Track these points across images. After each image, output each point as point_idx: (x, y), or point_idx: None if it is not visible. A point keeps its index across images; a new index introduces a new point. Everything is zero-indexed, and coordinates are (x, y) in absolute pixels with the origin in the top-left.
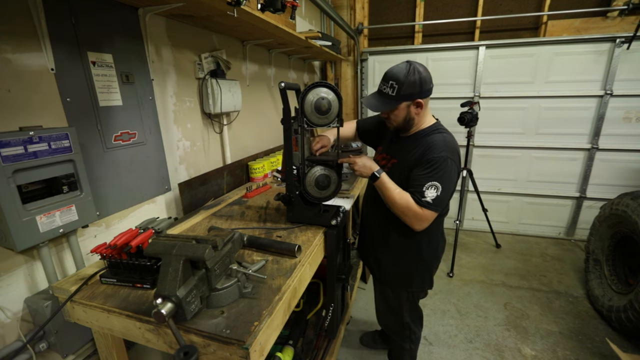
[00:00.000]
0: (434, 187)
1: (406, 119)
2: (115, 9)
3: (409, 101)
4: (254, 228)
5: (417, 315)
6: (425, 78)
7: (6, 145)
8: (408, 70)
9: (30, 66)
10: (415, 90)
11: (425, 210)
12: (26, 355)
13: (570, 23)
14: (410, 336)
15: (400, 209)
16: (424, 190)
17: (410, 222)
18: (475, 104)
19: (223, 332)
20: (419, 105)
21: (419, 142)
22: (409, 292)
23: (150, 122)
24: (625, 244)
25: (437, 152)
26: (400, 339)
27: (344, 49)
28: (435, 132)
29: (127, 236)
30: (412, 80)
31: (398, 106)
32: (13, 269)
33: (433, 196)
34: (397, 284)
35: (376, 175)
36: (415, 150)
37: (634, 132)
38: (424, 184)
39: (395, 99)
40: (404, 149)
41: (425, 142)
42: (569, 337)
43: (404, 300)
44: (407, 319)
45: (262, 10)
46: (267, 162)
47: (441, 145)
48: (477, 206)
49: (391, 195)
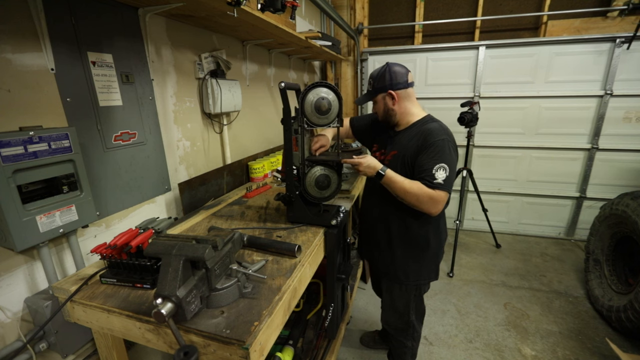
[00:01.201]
0: (442, 168)
1: (385, 109)
2: (115, 9)
3: (382, 93)
4: (254, 228)
5: (421, 313)
6: (397, 72)
7: (6, 145)
8: (381, 68)
9: (30, 66)
10: (385, 83)
11: (439, 192)
12: (26, 355)
13: (570, 23)
14: (413, 334)
15: (414, 197)
16: (434, 172)
17: (427, 208)
18: (475, 104)
19: (223, 332)
20: (393, 97)
21: (416, 131)
22: (417, 287)
23: (150, 122)
24: (625, 244)
25: (437, 137)
26: (404, 337)
27: (344, 49)
28: (431, 121)
29: (127, 236)
30: (382, 74)
31: (375, 98)
32: (13, 269)
33: (443, 177)
34: (406, 277)
35: (381, 173)
36: (415, 139)
37: (634, 132)
38: (433, 167)
39: (372, 93)
40: (402, 140)
41: (423, 130)
42: (569, 337)
43: (411, 298)
44: (412, 317)
45: (262, 10)
46: (267, 162)
47: (439, 130)
48: (477, 206)
49: (402, 187)
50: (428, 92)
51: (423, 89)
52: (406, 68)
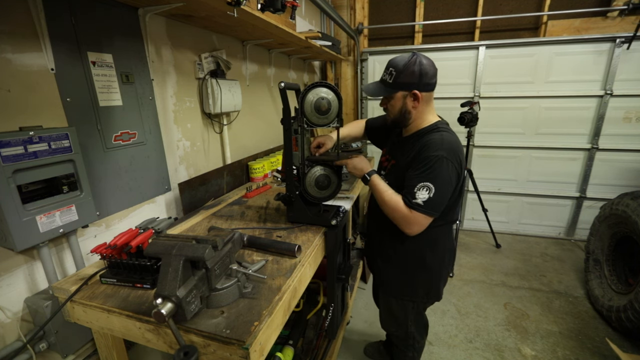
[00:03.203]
0: (425, 188)
1: (402, 110)
2: (115, 8)
3: (405, 91)
4: (254, 228)
5: (422, 324)
6: (427, 71)
7: (6, 145)
8: (410, 59)
9: (30, 66)
10: (413, 80)
11: (415, 213)
12: (26, 355)
13: (570, 23)
14: (414, 345)
15: (390, 211)
16: (415, 191)
17: (400, 225)
18: (475, 104)
19: (223, 332)
20: (416, 98)
21: (417, 141)
22: (414, 303)
23: (150, 122)
24: (625, 244)
25: (432, 151)
26: (404, 346)
27: (344, 49)
28: (435, 131)
29: (127, 236)
30: (412, 69)
31: (394, 94)
32: (13, 269)
33: (424, 198)
34: (401, 294)
35: (367, 177)
36: (412, 151)
37: (634, 132)
38: (416, 185)
39: (391, 87)
40: (402, 149)
41: (423, 141)
42: (569, 337)
43: (409, 310)
44: (412, 329)
45: (262, 10)
46: (267, 162)
47: (438, 144)
48: (477, 206)
49: (381, 197)
50: None
51: None
52: (434, 66)
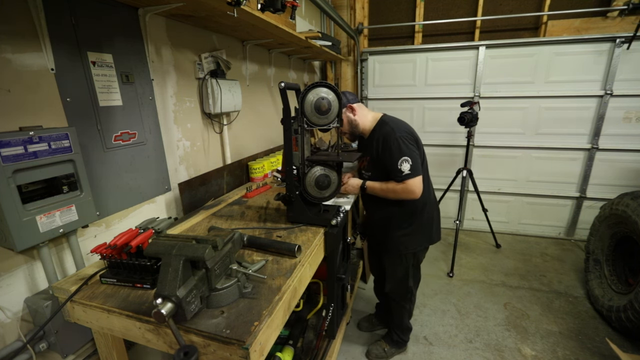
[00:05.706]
0: (404, 160)
1: (350, 122)
2: (115, 9)
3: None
4: (254, 228)
5: (417, 279)
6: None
7: (6, 145)
8: None
9: (30, 66)
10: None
11: (409, 181)
12: (26, 355)
13: (570, 23)
14: (411, 298)
15: (393, 194)
16: (400, 167)
17: (407, 197)
18: (475, 104)
19: (223, 332)
20: (352, 109)
21: (376, 138)
22: (414, 255)
23: (150, 122)
24: (625, 244)
25: (392, 138)
26: (404, 300)
27: (344, 49)
28: (384, 125)
29: (127, 236)
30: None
31: None
32: (13, 269)
33: (408, 167)
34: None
35: (364, 187)
36: (376, 145)
37: (634, 132)
38: (397, 163)
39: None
40: (370, 146)
41: (379, 135)
42: (569, 337)
43: (410, 266)
44: (411, 283)
45: (262, 10)
46: (267, 162)
47: (391, 131)
48: (477, 206)
49: (381, 190)
50: (428, 92)
51: (423, 89)
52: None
